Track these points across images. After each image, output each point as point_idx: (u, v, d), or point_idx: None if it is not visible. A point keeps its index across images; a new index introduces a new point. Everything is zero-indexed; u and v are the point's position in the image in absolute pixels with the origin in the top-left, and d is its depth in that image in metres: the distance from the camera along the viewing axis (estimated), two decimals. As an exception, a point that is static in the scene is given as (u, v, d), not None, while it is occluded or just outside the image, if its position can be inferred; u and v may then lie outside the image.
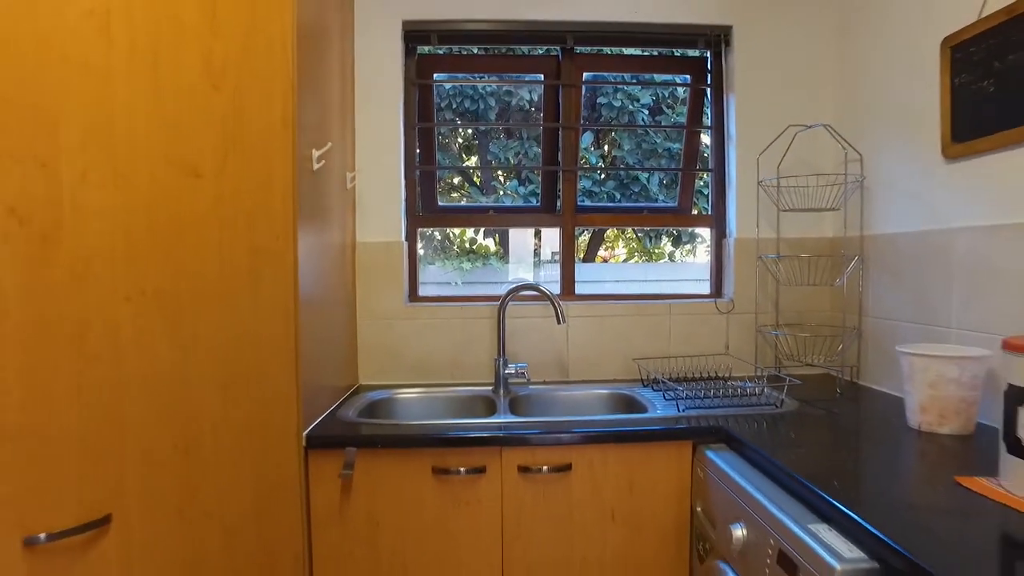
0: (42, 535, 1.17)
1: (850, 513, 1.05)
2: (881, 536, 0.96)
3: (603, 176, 3.69)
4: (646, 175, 3.83)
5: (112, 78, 1.24)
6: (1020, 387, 1.07)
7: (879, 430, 1.54)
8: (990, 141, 1.54)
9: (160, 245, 1.31)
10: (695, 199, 2.54)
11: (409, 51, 2.26)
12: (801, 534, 1.09)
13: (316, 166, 1.68)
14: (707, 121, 2.39)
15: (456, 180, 3.98)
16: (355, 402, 1.91)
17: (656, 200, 3.93)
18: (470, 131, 3.71)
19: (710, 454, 1.54)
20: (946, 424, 1.48)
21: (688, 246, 4.79)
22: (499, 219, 2.42)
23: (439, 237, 4.21)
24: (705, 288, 2.40)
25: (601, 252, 4.99)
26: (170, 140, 1.32)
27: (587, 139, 3.84)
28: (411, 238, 2.28)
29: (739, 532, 1.30)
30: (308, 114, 1.64)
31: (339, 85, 1.99)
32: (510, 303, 2.14)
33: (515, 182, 3.68)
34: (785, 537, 1.13)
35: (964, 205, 1.65)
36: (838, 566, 0.98)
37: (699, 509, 1.57)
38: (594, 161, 4.01)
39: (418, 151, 2.31)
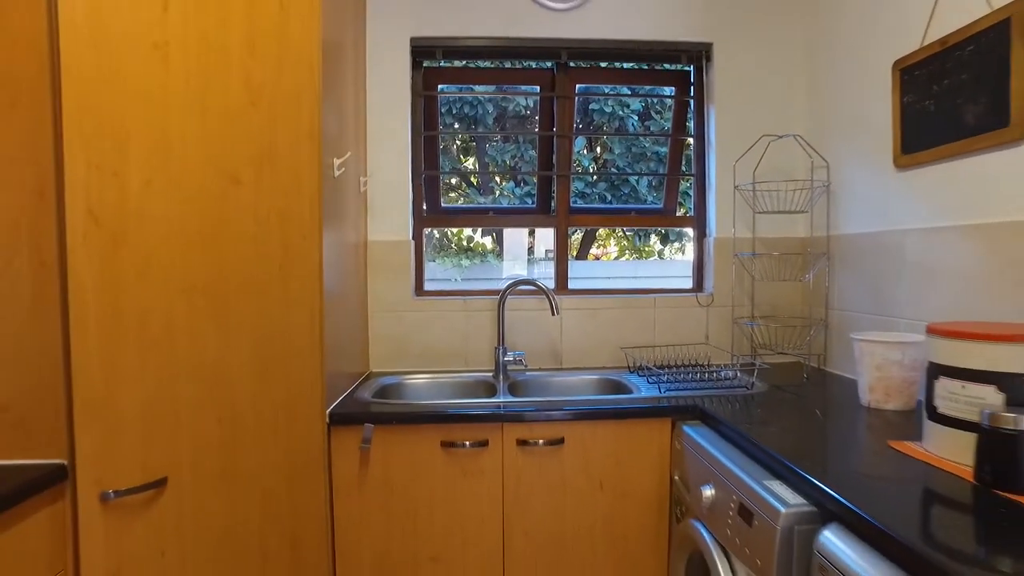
0: (111, 491, 1.37)
1: (795, 468, 1.26)
2: (818, 484, 1.17)
3: (595, 178, 3.89)
4: (635, 177, 4.04)
5: (169, 99, 1.44)
6: (937, 364, 1.29)
7: (835, 408, 1.76)
8: (930, 154, 1.75)
9: (207, 244, 1.51)
10: (681, 200, 2.75)
11: (416, 64, 2.46)
12: (757, 488, 1.30)
13: (337, 173, 1.88)
14: (690, 129, 2.60)
15: (454, 180, 4.19)
16: (369, 386, 2.12)
17: (645, 201, 4.11)
18: (469, 129, 3.89)
19: (687, 429, 1.75)
20: (891, 401, 1.69)
21: (677, 244, 5.01)
22: (498, 220, 2.62)
23: (437, 235, 4.41)
24: (689, 284, 2.61)
25: (594, 250, 5.19)
26: (216, 152, 1.52)
27: (580, 142, 4.02)
28: (417, 237, 2.48)
29: (708, 492, 1.51)
30: (330, 126, 1.84)
31: (353, 96, 2.18)
32: (509, 297, 2.35)
33: (511, 183, 3.87)
34: (744, 492, 1.35)
35: (911, 209, 1.87)
36: (783, 509, 1.19)
37: (677, 477, 1.78)
38: (587, 163, 4.18)
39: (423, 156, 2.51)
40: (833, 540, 1.08)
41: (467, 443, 1.78)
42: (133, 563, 1.42)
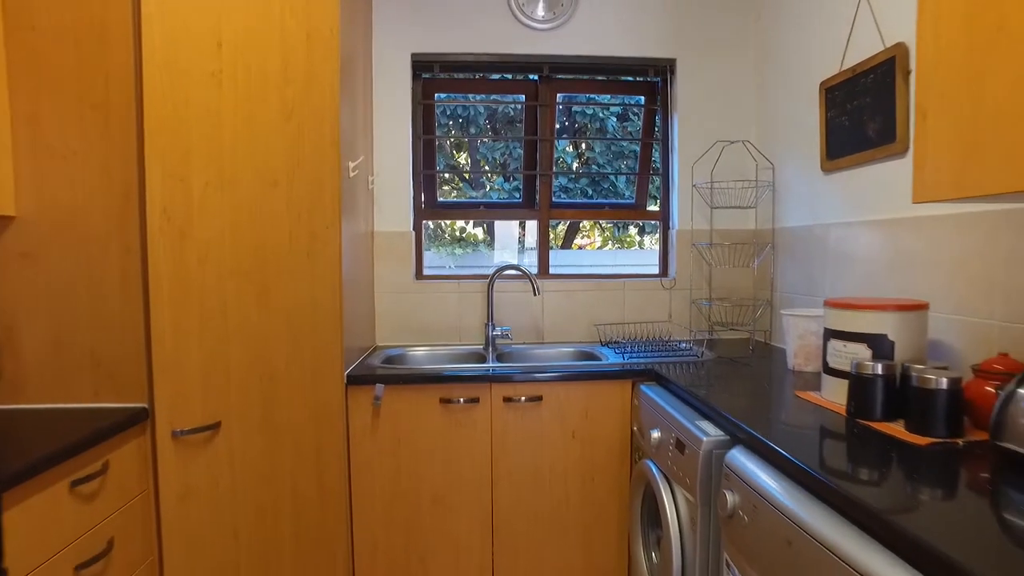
0: (178, 430, 1.73)
1: (716, 408, 1.63)
2: (731, 418, 1.54)
3: (577, 175, 4.25)
4: (615, 172, 4.40)
5: (222, 117, 1.79)
6: (829, 329, 1.66)
7: (766, 371, 2.13)
8: (846, 161, 2.12)
9: (251, 234, 1.86)
10: (655, 194, 3.10)
11: (416, 77, 2.80)
12: (688, 426, 1.67)
13: (352, 175, 2.23)
14: (657, 134, 2.96)
15: (447, 175, 4.54)
16: (377, 355, 2.48)
17: (623, 195, 4.46)
18: (461, 132, 4.24)
19: (644, 388, 2.12)
20: (810, 364, 2.07)
21: (656, 235, 5.37)
22: (488, 213, 2.98)
23: (432, 226, 4.76)
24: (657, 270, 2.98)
25: (579, 240, 5.56)
26: (257, 159, 1.87)
27: (564, 142, 4.35)
28: (417, 228, 2.83)
29: (656, 434, 1.88)
30: (345, 135, 2.18)
31: (363, 107, 2.53)
32: (497, 280, 2.71)
33: (501, 179, 4.21)
34: (679, 430, 1.72)
35: (833, 207, 2.24)
36: (704, 438, 1.57)
37: (635, 428, 2.16)
38: (570, 160, 4.52)
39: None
40: (737, 456, 1.45)
41: (461, 400, 2.15)
42: (196, 488, 1.78)
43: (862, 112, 2.02)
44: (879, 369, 1.47)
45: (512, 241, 4.39)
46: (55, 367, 1.66)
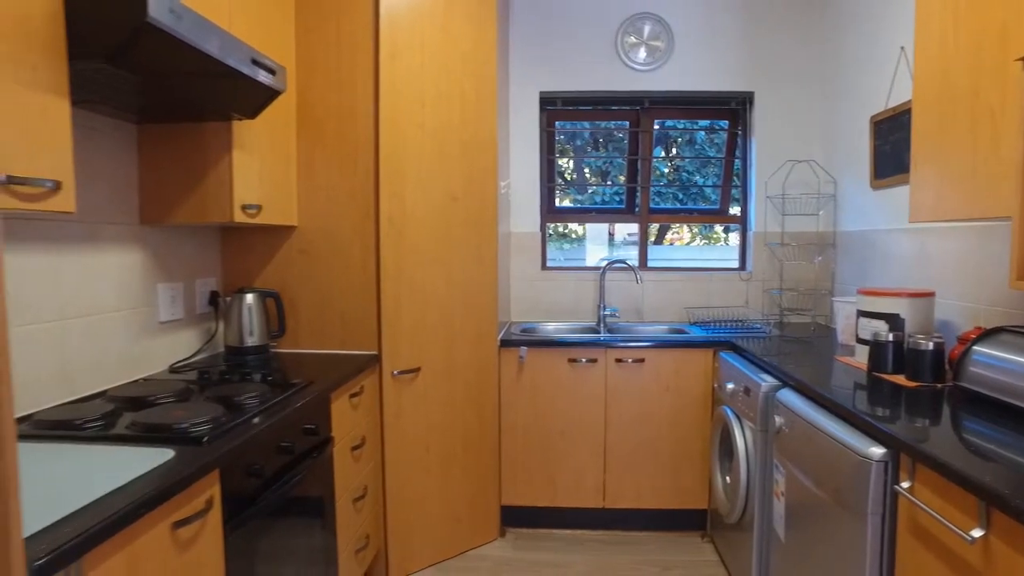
0: (395, 371, 2.53)
1: (772, 363, 2.29)
2: (781, 369, 2.20)
3: (670, 181, 4.89)
4: (702, 180, 5.02)
5: (423, 154, 2.57)
6: (860, 310, 2.28)
7: (820, 345, 2.75)
8: (889, 181, 2.71)
9: (442, 234, 2.64)
10: (736, 197, 3.72)
11: (542, 109, 3.54)
12: (754, 377, 2.34)
13: (502, 191, 2.99)
14: (738, 152, 3.59)
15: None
16: (515, 328, 3.24)
17: (709, 199, 5.07)
18: (570, 143, 4.96)
19: (723, 354, 2.79)
20: (852, 339, 2.67)
21: (736, 232, 5.90)
22: (599, 217, 3.70)
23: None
24: (736, 264, 3.61)
25: (669, 236, 6.19)
26: (445, 182, 2.65)
27: (658, 151, 5.00)
28: (543, 229, 3.58)
29: (730, 386, 2.55)
30: (499, 161, 2.94)
31: (505, 135, 3.28)
32: (607, 271, 3.42)
33: (603, 187, 4.90)
34: (747, 381, 2.38)
35: (880, 216, 2.82)
36: (763, 384, 2.23)
37: (716, 385, 2.83)
38: (662, 167, 5.17)
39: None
40: (784, 394, 2.11)
41: (584, 360, 2.88)
42: (405, 410, 2.58)
43: (900, 144, 2.61)
44: (890, 337, 2.09)
45: (605, 236, 5.09)
46: (319, 325, 2.50)
